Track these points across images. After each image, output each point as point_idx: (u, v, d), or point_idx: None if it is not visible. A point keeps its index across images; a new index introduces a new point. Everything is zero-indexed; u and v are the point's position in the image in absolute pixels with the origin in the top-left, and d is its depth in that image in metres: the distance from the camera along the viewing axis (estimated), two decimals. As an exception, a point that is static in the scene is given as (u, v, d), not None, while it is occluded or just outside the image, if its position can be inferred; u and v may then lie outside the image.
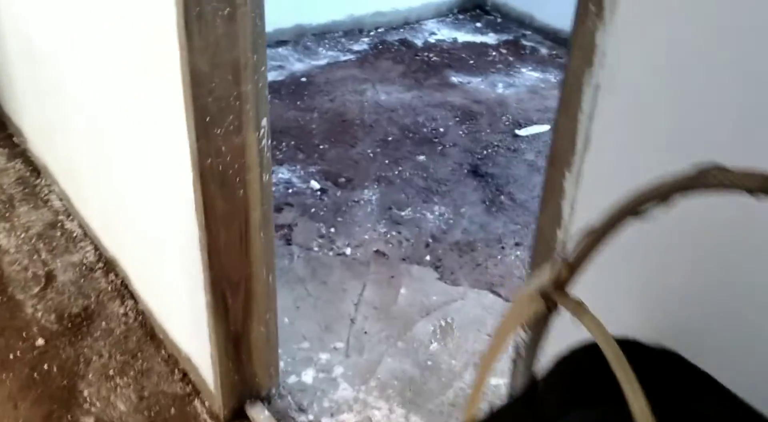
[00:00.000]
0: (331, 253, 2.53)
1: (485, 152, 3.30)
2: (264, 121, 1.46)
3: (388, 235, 2.65)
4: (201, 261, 1.57)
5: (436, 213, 2.81)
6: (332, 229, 2.66)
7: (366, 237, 2.63)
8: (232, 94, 1.37)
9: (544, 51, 4.60)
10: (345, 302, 2.29)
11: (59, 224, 2.56)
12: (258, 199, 1.54)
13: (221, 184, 1.47)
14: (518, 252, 2.62)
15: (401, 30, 4.76)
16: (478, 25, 4.97)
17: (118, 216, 2.13)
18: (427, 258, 2.54)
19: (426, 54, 4.41)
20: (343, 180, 3.00)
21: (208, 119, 1.37)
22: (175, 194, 1.58)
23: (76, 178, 2.44)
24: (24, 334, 2.10)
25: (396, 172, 3.08)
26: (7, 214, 2.60)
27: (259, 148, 1.48)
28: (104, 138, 1.95)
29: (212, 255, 1.54)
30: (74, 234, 2.50)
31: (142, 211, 1.87)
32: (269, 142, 1.50)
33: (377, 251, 2.56)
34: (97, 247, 2.43)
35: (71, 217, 2.59)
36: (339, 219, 2.73)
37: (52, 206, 2.66)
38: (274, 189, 1.88)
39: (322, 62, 4.17)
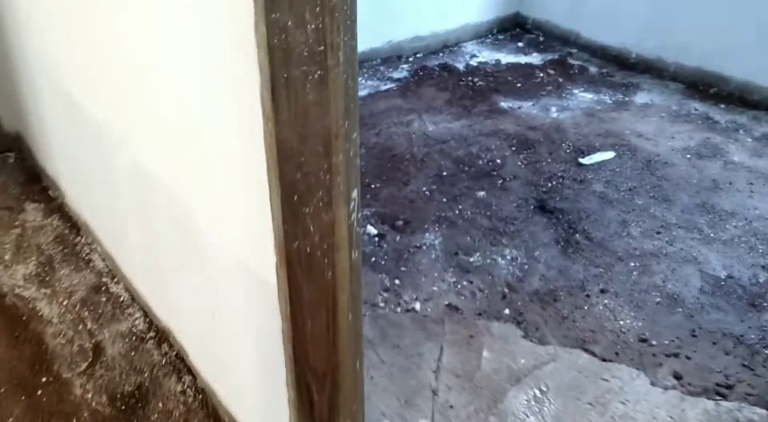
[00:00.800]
0: (399, 310, 2.30)
1: (550, 184, 3.07)
2: (354, 193, 1.25)
3: (459, 286, 2.42)
4: (284, 353, 1.35)
5: (508, 257, 2.58)
6: (397, 281, 2.44)
7: (434, 288, 2.40)
8: (322, 167, 1.16)
9: (593, 69, 4.37)
10: (423, 369, 2.06)
11: (104, 287, 2.37)
12: (347, 280, 1.32)
13: (308, 268, 1.25)
14: (606, 301, 2.37)
15: (441, 54, 4.56)
16: (520, 44, 4.75)
17: (172, 284, 1.92)
18: (506, 311, 2.30)
19: (470, 78, 4.19)
20: (400, 223, 2.78)
21: (296, 198, 1.15)
22: (251, 277, 1.37)
23: (120, 236, 2.25)
24: (75, 421, 1.89)
25: (456, 211, 2.86)
26: (47, 278, 2.42)
27: (348, 223, 1.26)
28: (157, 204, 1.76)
29: (297, 347, 1.32)
30: (121, 299, 2.31)
31: (204, 287, 1.66)
32: (359, 215, 1.28)
33: (449, 305, 2.33)
34: (147, 314, 2.23)
35: (116, 279, 2.39)
36: (402, 268, 2.50)
37: (95, 267, 2.47)
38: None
39: (363, 93, 3.97)
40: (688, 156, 3.34)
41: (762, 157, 3.33)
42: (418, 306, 2.31)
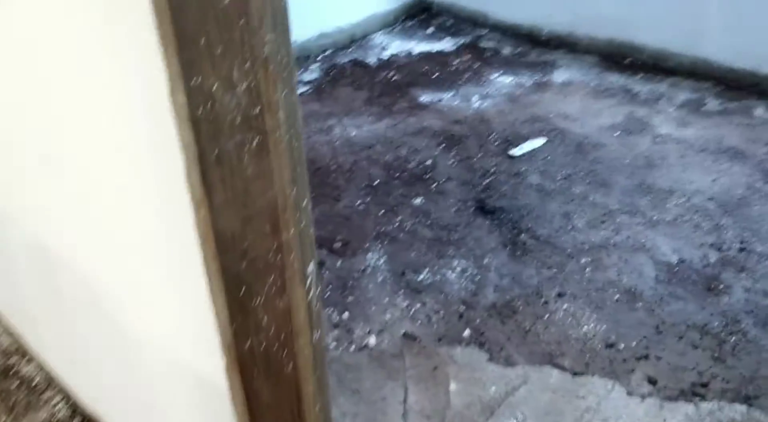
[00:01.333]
0: (352, 348, 2.10)
1: (485, 182, 2.93)
2: (311, 267, 1.03)
3: (412, 310, 2.24)
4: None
5: (458, 269, 2.42)
6: (345, 314, 2.23)
7: (387, 317, 2.22)
8: (271, 248, 0.94)
9: (507, 51, 4.26)
10: (389, 415, 1.87)
11: (13, 370, 2.04)
12: (310, 369, 1.11)
13: (265, 366, 1.03)
14: (565, 306, 2.25)
15: (350, 50, 4.33)
16: (430, 31, 4.59)
17: (96, 367, 1.64)
18: (467, 333, 2.15)
19: (384, 73, 4.00)
20: (339, 244, 2.57)
21: (243, 290, 0.93)
22: (196, 379, 1.14)
23: (24, 311, 1.93)
24: None
25: (396, 224, 2.67)
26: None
27: (307, 302, 1.05)
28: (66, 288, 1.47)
29: (259, 455, 1.10)
30: (35, 383, 1.99)
31: (138, 381, 1.40)
32: (318, 290, 1.07)
33: (406, 334, 2.15)
34: (68, 398, 1.92)
35: (27, 357, 2.07)
36: (349, 298, 2.30)
37: (0, 345, 2.13)
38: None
39: (274, 99, 3.69)
40: (617, 134, 3.28)
41: (687, 126, 3.32)
42: (372, 340, 2.12)
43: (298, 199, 0.94)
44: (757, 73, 3.49)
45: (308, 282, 1.04)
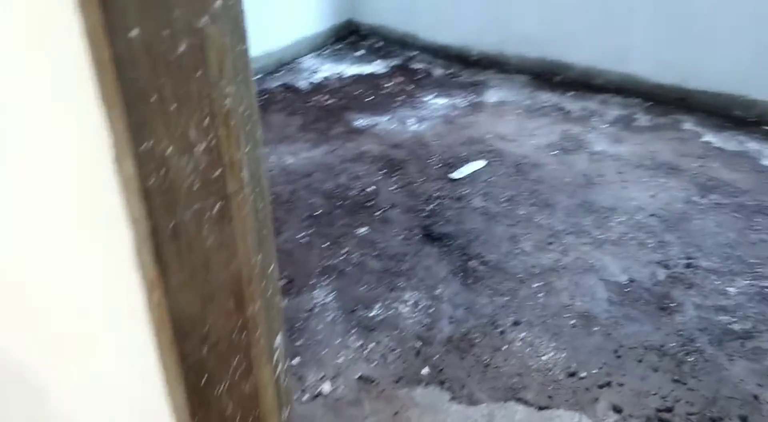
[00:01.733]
0: (306, 397, 1.96)
1: (429, 207, 2.86)
2: (278, 339, 0.91)
3: (367, 350, 2.13)
4: None
5: (410, 302, 2.32)
6: (296, 359, 2.09)
7: (340, 360, 2.09)
8: (235, 326, 0.81)
9: (438, 72, 4.24)
10: (353, 468, 1.75)
11: None
12: (279, 450, 0.98)
13: (230, 459, 0.89)
14: (522, 335, 2.19)
15: (278, 74, 4.20)
16: (360, 53, 4.52)
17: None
18: (426, 371, 2.05)
19: (317, 98, 3.89)
20: (283, 282, 2.42)
21: (204, 379, 0.79)
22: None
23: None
24: None
25: (342, 257, 2.55)
26: None
27: (275, 379, 0.92)
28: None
29: None
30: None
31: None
32: (285, 365, 0.94)
33: (362, 377, 2.03)
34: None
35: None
36: (298, 341, 2.16)
37: None
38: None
39: (202, 128, 3.52)
40: (554, 152, 3.28)
41: (621, 142, 3.36)
42: (327, 387, 1.99)
43: (265, 266, 0.82)
44: (683, 87, 3.58)
45: (276, 356, 0.92)
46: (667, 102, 3.63)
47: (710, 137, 3.36)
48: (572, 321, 2.26)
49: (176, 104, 0.60)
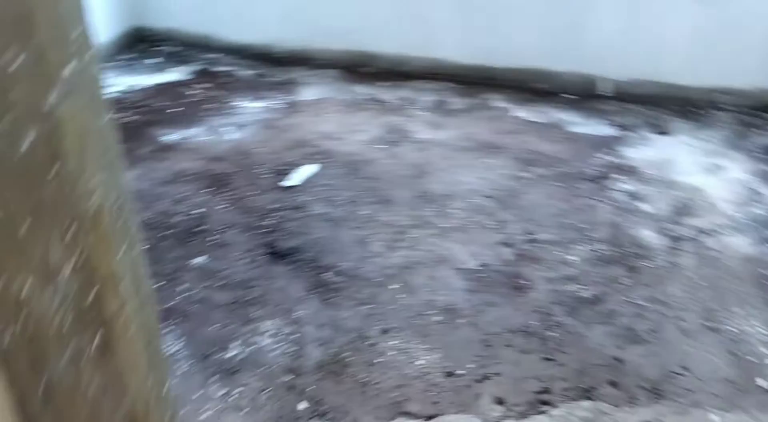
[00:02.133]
0: (176, 465, 1.72)
1: (268, 222, 2.67)
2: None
3: (232, 397, 1.91)
4: None
5: (270, 332, 2.14)
6: (154, 424, 1.83)
7: (204, 416, 1.86)
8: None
9: (245, 73, 4.02)
10: None
11: None
12: None
13: None
14: (393, 342, 2.11)
15: (65, 93, 3.72)
16: (156, 61, 4.14)
17: None
18: (303, 406, 1.89)
19: (116, 115, 3.48)
20: (119, 336, 2.12)
21: None
22: None
23: None
24: None
25: (181, 295, 2.29)
26: None
27: None
28: None
29: None
30: None
31: None
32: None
33: (235, 428, 1.82)
34: None
35: None
36: (152, 402, 1.89)
37: None
38: None
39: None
40: (382, 146, 3.24)
41: (441, 128, 3.40)
42: (197, 449, 1.76)
43: (158, 390, 0.62)
44: (489, 66, 3.71)
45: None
46: (476, 82, 3.74)
47: (520, 112, 3.52)
48: (437, 318, 2.22)
49: (29, 221, 0.40)
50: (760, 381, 1.94)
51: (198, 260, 2.46)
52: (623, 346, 2.10)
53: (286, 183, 2.92)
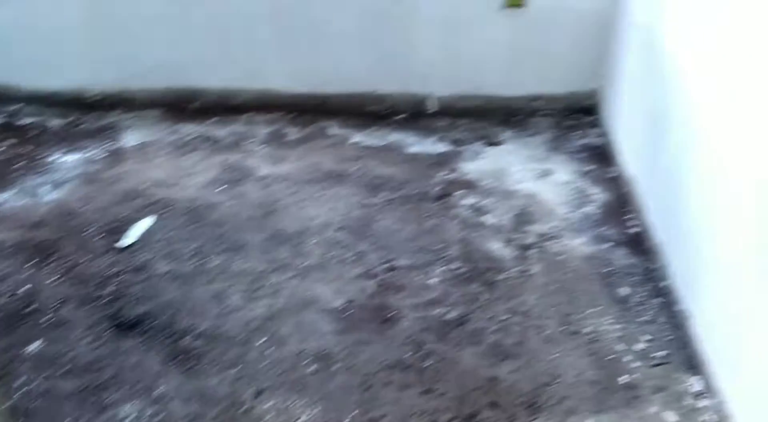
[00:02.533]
0: None
1: (109, 290, 2.43)
2: None
3: None
4: None
5: (131, 417, 1.94)
6: None
7: None
8: None
9: (55, 123, 3.65)
10: None
11: None
12: None
13: None
14: (270, 403, 2.00)
15: None
16: (-57, 118, 3.63)
17: None
18: (183, 495, 1.72)
19: None
20: (-54, 457, 1.80)
21: None
22: None
23: None
24: None
25: (19, 392, 2.01)
26: None
27: None
28: None
29: None
30: None
31: None
32: None
33: None
34: None
35: None
36: None
37: None
38: None
39: None
40: (222, 188, 3.08)
41: (282, 161, 3.31)
42: None
43: None
44: (322, 94, 3.68)
45: None
46: (310, 110, 3.70)
47: (358, 137, 3.52)
48: (311, 367, 2.15)
49: None
50: (621, 379, 2.07)
51: (32, 347, 2.17)
52: (495, 364, 2.16)
53: (122, 242, 2.68)
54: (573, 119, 3.64)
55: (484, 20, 3.44)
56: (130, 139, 3.51)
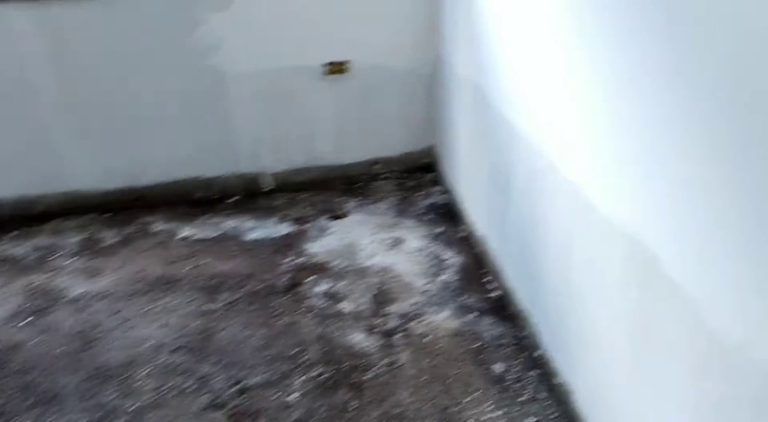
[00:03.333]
0: None
1: None
2: None
3: None
4: None
5: None
6: None
7: None
8: None
9: None
10: None
11: None
12: None
13: None
14: None
15: None
16: None
17: None
18: None
19: None
20: None
21: None
22: None
23: None
24: None
25: None
26: None
27: None
28: None
29: None
30: None
31: None
32: None
33: None
34: None
35: None
36: None
37: None
38: None
39: None
40: (27, 320, 2.58)
41: (99, 274, 2.85)
42: None
43: None
44: (137, 186, 3.27)
45: None
46: (126, 207, 3.27)
47: (186, 230, 3.15)
48: None
49: None
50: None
51: None
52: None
53: None
54: (414, 179, 3.51)
55: (307, 91, 3.23)
56: None
